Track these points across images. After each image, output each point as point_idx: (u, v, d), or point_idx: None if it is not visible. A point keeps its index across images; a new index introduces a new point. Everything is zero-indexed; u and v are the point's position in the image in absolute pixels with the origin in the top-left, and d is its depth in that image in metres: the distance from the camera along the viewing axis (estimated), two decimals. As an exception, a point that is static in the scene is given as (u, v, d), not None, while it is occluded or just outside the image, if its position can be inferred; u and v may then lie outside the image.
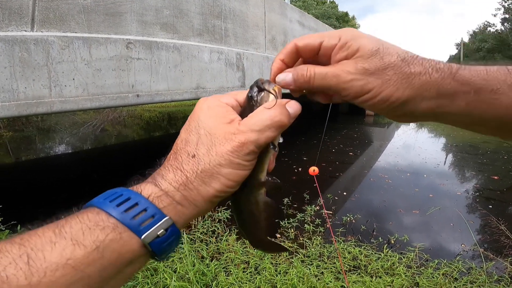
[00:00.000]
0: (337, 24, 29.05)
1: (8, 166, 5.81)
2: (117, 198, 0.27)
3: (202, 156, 0.30)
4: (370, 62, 0.30)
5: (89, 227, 0.24)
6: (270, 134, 0.30)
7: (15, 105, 1.60)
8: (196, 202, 0.30)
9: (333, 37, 0.32)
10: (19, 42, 1.55)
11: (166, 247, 0.28)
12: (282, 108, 0.32)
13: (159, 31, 2.42)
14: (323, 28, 6.24)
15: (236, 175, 0.30)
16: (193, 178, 0.29)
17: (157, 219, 0.27)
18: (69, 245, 0.23)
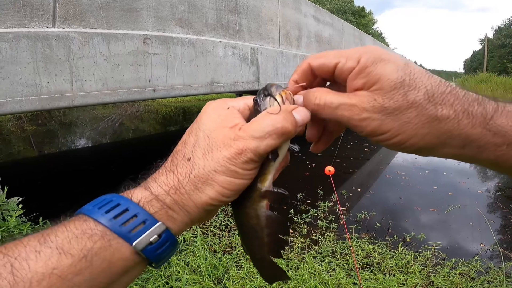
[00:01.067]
0: (353, 19, 28.34)
1: (31, 159, 6.08)
2: (106, 205, 0.26)
3: (197, 159, 0.28)
4: (391, 99, 0.26)
5: (75, 235, 0.23)
6: (271, 141, 0.27)
7: (38, 99, 1.67)
8: (188, 208, 0.28)
9: (351, 58, 0.28)
10: (41, 38, 1.61)
11: (161, 254, 0.26)
12: (287, 114, 0.28)
13: (175, 27, 2.45)
14: (339, 23, 6.10)
15: (232, 184, 0.28)
16: (185, 182, 0.28)
17: (148, 225, 0.25)
18: (54, 254, 0.22)
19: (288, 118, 0.28)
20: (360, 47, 0.29)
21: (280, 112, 0.28)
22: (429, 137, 0.26)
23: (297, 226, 2.82)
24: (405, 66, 0.26)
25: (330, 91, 0.29)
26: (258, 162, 0.28)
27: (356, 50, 0.28)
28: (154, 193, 0.27)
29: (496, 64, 27.24)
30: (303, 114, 0.29)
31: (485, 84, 15.67)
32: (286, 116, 0.28)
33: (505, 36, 26.65)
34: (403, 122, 0.26)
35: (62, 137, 8.72)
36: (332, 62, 0.29)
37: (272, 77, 3.68)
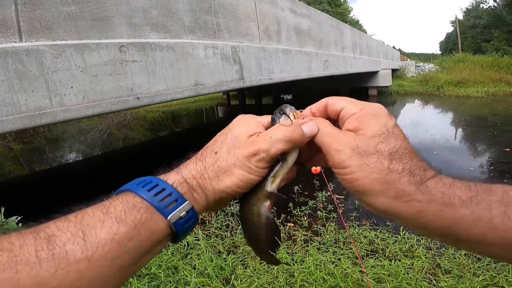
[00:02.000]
0: (329, 8, 28.55)
1: (23, 178, 5.92)
2: (148, 184, 0.31)
3: (222, 154, 0.35)
4: (365, 143, 0.32)
5: (129, 208, 0.28)
6: (280, 146, 0.34)
7: (19, 118, 1.60)
8: (207, 192, 0.34)
9: (357, 106, 0.34)
10: (10, 53, 1.54)
11: (186, 229, 0.31)
12: (296, 126, 0.35)
13: (150, 32, 2.38)
14: (315, 14, 6.10)
15: (246, 178, 0.34)
16: (210, 169, 0.34)
17: (179, 203, 0.31)
18: (114, 223, 0.27)
19: (296, 129, 0.34)
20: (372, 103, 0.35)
21: (291, 125, 0.35)
22: (375, 183, 0.31)
23: (298, 219, 2.81)
24: (393, 127, 0.33)
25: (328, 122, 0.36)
26: (269, 162, 0.34)
27: (365, 103, 0.35)
28: (184, 177, 0.33)
29: (470, 44, 27.99)
30: (311, 127, 0.35)
31: (463, 64, 16.05)
32: (295, 127, 0.35)
33: (474, 17, 27.58)
34: (363, 163, 0.31)
35: (51, 152, 8.51)
36: (340, 105, 0.36)
37: (256, 73, 3.64)
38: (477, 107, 9.34)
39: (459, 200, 0.28)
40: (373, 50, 11.99)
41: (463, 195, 0.28)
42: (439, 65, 17.85)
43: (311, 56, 5.41)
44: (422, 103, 11.09)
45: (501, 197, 0.28)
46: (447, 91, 12.56)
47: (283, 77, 4.31)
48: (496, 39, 23.49)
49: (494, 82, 13.08)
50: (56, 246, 0.24)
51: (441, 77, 14.08)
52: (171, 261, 2.14)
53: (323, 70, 5.98)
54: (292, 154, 0.36)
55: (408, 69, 17.47)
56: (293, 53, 4.68)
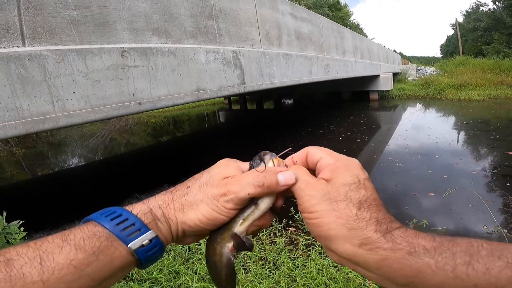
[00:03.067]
0: (329, 13, 28.69)
1: (25, 182, 5.94)
2: (111, 214, 0.33)
3: (193, 189, 0.36)
4: (336, 190, 0.33)
5: (88, 236, 0.30)
6: (250, 190, 0.34)
7: (21, 123, 1.60)
8: (170, 222, 0.35)
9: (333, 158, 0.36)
10: (13, 58, 1.55)
11: (150, 256, 0.33)
12: (270, 173, 0.36)
13: (152, 37, 2.41)
14: (316, 18, 6.13)
15: (211, 215, 0.35)
16: (176, 201, 0.36)
17: (142, 232, 0.32)
18: (73, 249, 0.28)
19: (269, 176, 0.35)
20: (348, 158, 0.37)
21: (265, 171, 0.36)
22: (341, 228, 0.31)
23: (300, 223, 2.80)
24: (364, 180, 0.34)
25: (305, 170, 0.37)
26: (238, 204, 0.35)
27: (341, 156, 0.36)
28: (150, 207, 0.35)
29: (471, 47, 28.01)
30: (287, 177, 0.36)
31: (464, 67, 16.06)
32: (269, 175, 0.35)
33: (474, 20, 27.62)
34: (332, 208, 0.32)
35: (53, 157, 8.55)
36: (318, 156, 0.37)
37: (257, 78, 3.66)
38: (479, 111, 9.32)
39: (423, 249, 0.29)
40: (374, 54, 12.02)
41: (428, 244, 0.29)
42: (440, 69, 17.87)
43: (312, 60, 5.43)
44: (424, 107, 11.08)
45: (466, 247, 0.28)
46: (449, 95, 12.55)
47: (284, 82, 4.32)
48: (497, 42, 23.51)
49: (496, 85, 13.06)
50: (14, 269, 0.26)
51: (442, 81, 14.08)
52: (173, 266, 2.14)
53: (324, 74, 5.99)
54: (265, 200, 0.36)
55: (409, 72, 17.49)
56: (294, 57, 4.70)
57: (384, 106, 11.66)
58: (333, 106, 12.36)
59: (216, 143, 7.49)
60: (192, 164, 5.11)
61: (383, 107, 11.59)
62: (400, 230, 0.31)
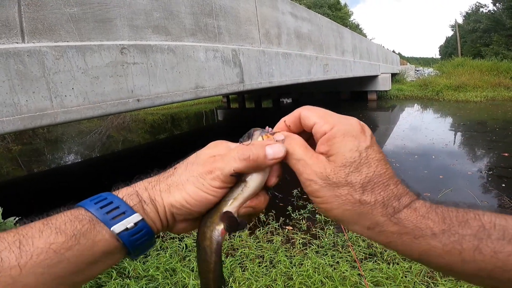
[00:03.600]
0: (329, 12, 28.68)
1: (21, 179, 5.91)
2: (96, 199, 0.32)
3: (179, 169, 0.35)
4: (336, 173, 0.31)
5: (70, 219, 0.29)
6: (235, 164, 0.33)
7: (19, 119, 1.60)
8: (157, 204, 0.33)
9: (328, 123, 0.33)
10: (12, 54, 1.54)
11: (136, 241, 0.31)
12: (256, 146, 0.34)
13: (152, 34, 2.40)
14: (316, 18, 6.13)
15: (197, 195, 0.33)
16: (163, 182, 0.34)
17: (127, 215, 0.31)
18: (53, 233, 0.28)
19: (256, 149, 0.33)
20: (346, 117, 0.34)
21: (251, 144, 0.34)
22: (348, 213, 0.31)
23: (296, 222, 2.82)
24: (366, 150, 0.31)
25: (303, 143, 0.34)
26: (224, 182, 0.33)
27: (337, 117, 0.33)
28: (135, 189, 0.33)
29: (470, 48, 28.09)
30: (277, 149, 0.33)
31: (462, 68, 16.13)
32: (255, 147, 0.33)
33: (474, 21, 27.66)
34: (334, 195, 0.31)
35: (49, 154, 8.50)
36: (312, 121, 0.34)
37: (256, 76, 3.66)
38: (476, 112, 9.38)
39: (431, 232, 0.28)
40: (373, 54, 12.05)
41: (436, 227, 0.28)
42: (439, 70, 17.94)
43: (311, 59, 5.43)
44: (421, 108, 11.13)
45: (476, 230, 0.28)
46: (446, 96, 12.61)
47: (283, 81, 4.33)
48: (496, 43, 23.60)
49: (493, 87, 13.14)
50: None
51: (441, 82, 14.14)
52: (169, 263, 2.14)
53: (323, 74, 6.00)
54: (254, 177, 0.34)
55: (408, 73, 17.55)
56: (293, 56, 4.70)
57: (382, 107, 11.70)
58: (331, 106, 12.32)
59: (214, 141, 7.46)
60: (190, 162, 5.07)
61: (381, 107, 11.63)
62: (409, 210, 0.30)
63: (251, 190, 0.34)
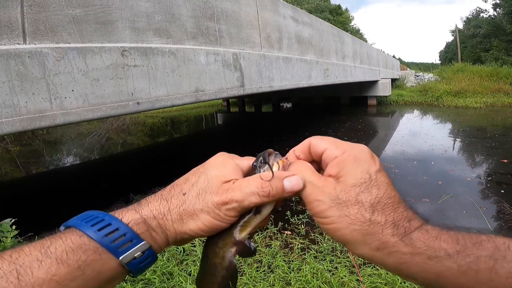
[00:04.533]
0: (330, 17, 28.89)
1: (19, 180, 5.89)
2: (99, 223, 0.30)
3: (191, 197, 0.33)
4: (346, 193, 0.31)
5: (72, 248, 0.28)
6: (255, 200, 0.32)
7: (18, 120, 1.60)
8: (168, 233, 0.33)
9: (339, 148, 0.33)
10: (13, 55, 1.55)
11: (142, 267, 0.31)
12: (276, 180, 0.33)
13: (153, 37, 2.41)
14: (317, 23, 6.17)
15: (212, 224, 0.33)
16: (174, 211, 0.33)
17: (135, 243, 0.30)
18: (54, 263, 0.26)
19: (276, 184, 0.33)
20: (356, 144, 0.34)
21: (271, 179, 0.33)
22: (356, 233, 0.30)
23: (295, 227, 2.80)
24: (375, 173, 0.32)
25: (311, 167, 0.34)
26: (240, 212, 0.33)
27: (348, 144, 0.34)
28: (143, 216, 0.32)
29: (470, 53, 28.25)
30: (295, 182, 0.33)
31: (462, 74, 16.19)
32: (275, 182, 0.33)
33: (474, 26, 27.83)
34: (343, 214, 0.30)
35: (48, 155, 8.48)
36: (323, 147, 0.35)
37: (256, 81, 3.67)
38: (475, 118, 9.40)
39: (445, 253, 0.28)
40: (373, 59, 12.11)
41: (450, 248, 0.28)
42: (439, 75, 18.01)
43: (311, 64, 5.45)
44: (421, 113, 11.15)
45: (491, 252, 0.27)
46: (446, 101, 12.65)
47: (283, 85, 4.34)
48: (496, 49, 23.72)
49: (493, 93, 13.18)
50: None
51: (440, 87, 14.19)
52: (166, 267, 2.13)
53: (323, 79, 6.02)
54: (268, 207, 0.34)
55: (408, 78, 17.62)
56: (294, 61, 4.72)
57: (382, 112, 11.72)
58: (331, 111, 12.41)
59: (213, 145, 7.48)
60: (189, 165, 5.06)
61: (381, 112, 11.65)
62: (420, 232, 0.30)
63: (264, 217, 0.35)
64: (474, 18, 29.44)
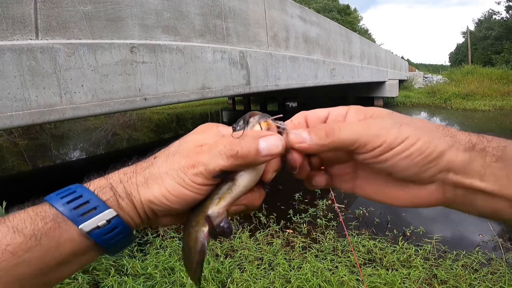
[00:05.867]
0: (339, 17, 28.64)
1: (26, 174, 6.00)
2: (64, 192, 0.28)
3: (159, 160, 0.30)
4: (396, 115, 0.29)
5: (31, 216, 0.26)
6: (221, 161, 0.27)
7: (28, 114, 1.64)
8: (134, 199, 0.29)
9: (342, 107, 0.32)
10: (25, 50, 1.59)
11: (111, 239, 0.28)
12: (248, 138, 0.28)
13: (161, 34, 2.44)
14: (325, 22, 6.14)
15: (177, 191, 0.28)
16: (140, 174, 0.29)
17: (98, 211, 0.27)
18: (9, 232, 0.25)
19: (246, 143, 0.27)
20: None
21: (242, 136, 0.28)
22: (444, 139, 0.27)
23: (297, 226, 2.82)
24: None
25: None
26: (209, 179, 0.28)
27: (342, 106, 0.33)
28: (109, 181, 0.29)
29: (481, 55, 27.81)
30: (272, 142, 0.28)
31: (471, 76, 15.95)
32: (246, 141, 0.28)
33: (486, 28, 27.40)
34: (418, 127, 0.27)
35: (55, 149, 8.61)
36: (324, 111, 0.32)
37: (262, 79, 3.68)
38: (484, 121, 9.27)
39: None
40: (381, 60, 12.00)
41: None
42: (448, 77, 17.76)
43: (318, 64, 5.44)
44: (428, 116, 11.03)
45: None
46: (454, 104, 12.48)
47: (289, 84, 4.34)
48: (507, 51, 23.31)
49: (502, 96, 12.96)
50: None
51: (449, 89, 13.99)
52: (168, 262, 2.16)
53: (329, 79, 6.00)
54: (244, 175, 0.29)
55: (416, 80, 17.42)
56: (300, 60, 4.72)
57: (388, 112, 11.61)
58: (337, 110, 12.33)
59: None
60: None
61: (387, 113, 11.55)
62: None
63: (241, 189, 0.29)
64: (486, 20, 28.98)
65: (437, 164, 0.26)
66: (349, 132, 0.28)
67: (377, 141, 0.27)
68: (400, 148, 0.26)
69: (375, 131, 0.27)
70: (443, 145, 0.26)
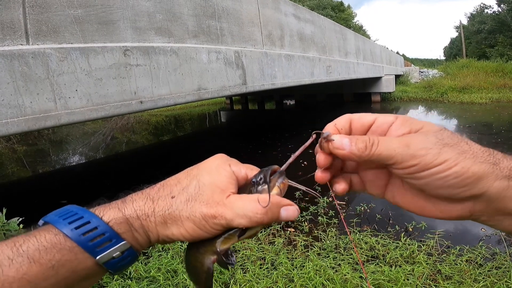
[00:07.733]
0: (333, 14, 28.68)
1: (25, 179, 5.97)
2: (77, 220, 0.29)
3: (179, 202, 0.31)
4: (443, 134, 0.28)
5: (45, 247, 0.27)
6: (244, 222, 0.31)
7: (23, 121, 1.62)
8: (150, 235, 0.31)
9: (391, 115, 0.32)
10: (17, 56, 1.57)
11: (121, 266, 0.30)
12: (274, 208, 0.31)
13: (155, 36, 2.42)
14: (319, 20, 6.13)
15: (195, 233, 0.31)
16: (158, 214, 0.31)
17: (114, 243, 0.29)
18: (25, 262, 0.26)
19: (270, 213, 0.31)
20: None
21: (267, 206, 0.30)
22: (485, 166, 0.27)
23: (299, 224, 2.81)
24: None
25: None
26: (226, 229, 0.32)
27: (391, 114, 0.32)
28: (126, 215, 0.31)
29: (475, 49, 27.90)
30: (291, 213, 0.32)
31: (467, 69, 16.01)
32: (271, 210, 0.31)
33: (479, 22, 27.51)
34: (461, 151, 0.27)
35: (54, 155, 8.57)
36: (371, 117, 0.32)
37: (259, 78, 3.67)
38: (481, 114, 9.29)
39: None
40: (377, 56, 12.01)
41: None
42: (443, 71, 17.83)
43: (314, 61, 5.43)
44: (426, 110, 11.05)
45: None
46: (451, 97, 12.51)
47: (285, 82, 4.33)
48: (501, 45, 23.44)
49: (498, 88, 13.02)
50: None
51: (445, 83, 14.04)
52: (171, 265, 2.15)
53: (325, 76, 5.99)
54: (256, 228, 0.33)
55: (412, 75, 17.46)
56: (296, 58, 4.71)
57: (386, 108, 11.63)
58: (334, 108, 12.35)
59: (217, 143, 7.50)
60: (193, 163, 5.08)
61: (385, 109, 11.57)
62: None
63: (249, 234, 0.33)
64: (478, 14, 29.07)
65: (471, 189, 0.27)
66: (386, 148, 0.29)
67: (412, 161, 0.28)
68: (436, 170, 0.27)
69: (413, 151, 0.28)
70: (481, 172, 0.27)
